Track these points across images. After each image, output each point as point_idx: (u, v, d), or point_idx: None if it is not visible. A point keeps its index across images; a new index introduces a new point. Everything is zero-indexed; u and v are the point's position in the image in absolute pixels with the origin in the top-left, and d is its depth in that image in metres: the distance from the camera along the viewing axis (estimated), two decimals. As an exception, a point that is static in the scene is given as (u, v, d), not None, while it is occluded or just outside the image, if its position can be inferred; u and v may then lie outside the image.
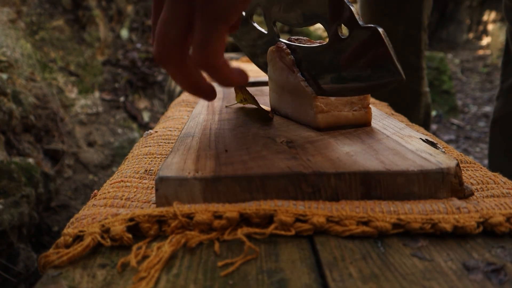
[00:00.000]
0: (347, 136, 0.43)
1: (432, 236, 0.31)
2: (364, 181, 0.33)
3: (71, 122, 2.10)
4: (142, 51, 2.73)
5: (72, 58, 2.36)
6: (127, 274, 0.27)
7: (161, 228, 0.32)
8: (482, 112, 3.39)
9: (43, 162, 1.71)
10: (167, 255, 0.28)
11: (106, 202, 0.36)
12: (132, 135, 2.30)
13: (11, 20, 2.07)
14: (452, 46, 5.89)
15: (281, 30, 3.23)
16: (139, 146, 0.53)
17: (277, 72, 0.51)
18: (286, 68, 0.48)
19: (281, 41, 0.50)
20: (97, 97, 2.37)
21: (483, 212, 0.31)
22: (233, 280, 0.26)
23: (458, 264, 0.27)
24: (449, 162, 0.35)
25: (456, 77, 4.54)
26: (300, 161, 0.35)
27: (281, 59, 0.49)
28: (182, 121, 0.64)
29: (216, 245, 0.30)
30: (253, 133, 0.45)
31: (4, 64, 1.79)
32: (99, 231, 0.30)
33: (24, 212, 1.29)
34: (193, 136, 0.45)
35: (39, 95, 1.88)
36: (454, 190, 0.34)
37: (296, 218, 0.31)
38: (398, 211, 0.31)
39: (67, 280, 0.27)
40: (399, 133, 0.44)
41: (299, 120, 0.49)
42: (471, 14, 6.09)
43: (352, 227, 0.30)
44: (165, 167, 0.35)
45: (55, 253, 0.29)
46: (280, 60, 0.49)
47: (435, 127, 3.06)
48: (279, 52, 0.49)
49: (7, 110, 1.54)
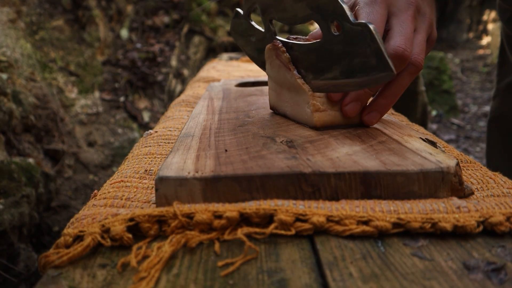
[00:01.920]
0: (347, 136, 0.43)
1: (432, 235, 0.31)
2: (364, 180, 0.33)
3: (71, 122, 2.10)
4: (142, 51, 2.73)
5: (72, 58, 2.36)
6: (127, 274, 0.27)
7: (161, 228, 0.32)
8: (482, 111, 3.39)
9: (43, 162, 1.71)
10: (167, 255, 0.28)
11: (106, 202, 0.36)
12: (132, 135, 2.30)
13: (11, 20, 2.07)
14: (452, 46, 5.88)
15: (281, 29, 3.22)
16: (139, 146, 0.53)
17: (275, 70, 0.51)
18: (283, 66, 0.48)
19: (278, 39, 0.50)
20: (97, 97, 2.37)
21: (483, 211, 0.31)
22: (233, 280, 0.26)
23: (458, 263, 0.27)
24: (449, 161, 0.35)
25: (456, 77, 4.54)
26: (300, 160, 0.35)
27: (277, 57, 0.49)
28: (182, 121, 0.64)
29: (216, 245, 0.30)
30: (253, 133, 0.45)
31: (4, 64, 1.79)
32: (99, 231, 0.30)
33: (24, 212, 1.29)
34: (193, 136, 0.45)
35: (39, 95, 1.88)
36: (454, 189, 0.34)
37: (296, 217, 0.31)
38: (398, 210, 0.31)
39: (67, 280, 0.27)
40: (399, 133, 0.44)
41: (297, 119, 0.49)
42: (471, 13, 6.09)
43: (352, 227, 0.30)
44: (165, 167, 0.35)
45: (55, 253, 0.29)
46: (277, 58, 0.49)
47: (435, 126, 3.06)
48: (276, 50, 0.49)
49: (7, 110, 1.54)
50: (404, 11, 0.45)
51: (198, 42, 3.04)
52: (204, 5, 3.12)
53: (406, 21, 0.45)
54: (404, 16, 0.45)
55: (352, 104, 0.45)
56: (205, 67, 1.43)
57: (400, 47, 0.42)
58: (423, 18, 0.47)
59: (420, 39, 0.46)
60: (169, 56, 2.82)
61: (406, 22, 0.45)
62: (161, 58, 2.75)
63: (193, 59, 2.98)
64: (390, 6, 0.46)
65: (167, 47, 2.88)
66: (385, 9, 0.45)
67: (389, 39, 0.44)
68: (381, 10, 0.45)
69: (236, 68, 1.32)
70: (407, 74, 0.45)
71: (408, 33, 0.44)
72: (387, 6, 0.46)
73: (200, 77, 1.11)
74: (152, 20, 3.00)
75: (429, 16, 0.48)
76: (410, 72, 0.44)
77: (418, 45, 0.45)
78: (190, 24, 3.05)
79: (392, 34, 0.44)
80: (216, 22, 3.16)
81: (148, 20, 3.00)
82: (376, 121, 0.46)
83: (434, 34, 0.50)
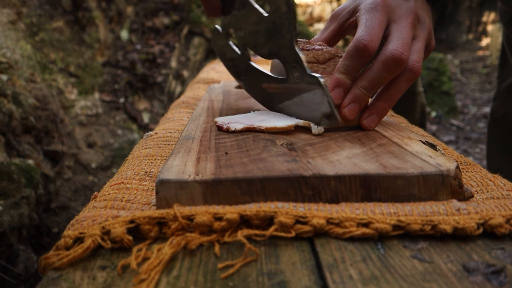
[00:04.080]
0: (347, 139, 0.43)
1: (432, 237, 0.31)
2: (364, 183, 0.34)
3: (71, 123, 2.10)
4: (142, 52, 2.74)
5: (72, 59, 2.36)
6: (127, 276, 0.27)
7: (162, 230, 0.32)
8: (482, 113, 3.39)
9: (43, 164, 1.71)
10: (167, 257, 0.28)
11: (106, 204, 0.36)
12: (132, 136, 2.30)
13: (11, 21, 2.07)
14: (451, 47, 5.89)
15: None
16: (139, 147, 0.53)
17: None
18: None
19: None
20: (97, 98, 2.37)
21: (483, 213, 0.31)
22: (233, 282, 0.26)
23: (458, 265, 0.27)
24: (449, 164, 0.35)
25: (456, 78, 4.54)
26: (300, 163, 0.35)
27: None
28: (182, 123, 0.64)
29: (216, 247, 0.30)
30: (253, 135, 0.45)
31: (4, 65, 1.79)
32: (100, 233, 0.31)
33: (24, 213, 1.29)
34: (193, 138, 0.45)
35: (39, 96, 1.88)
36: (454, 192, 0.34)
37: (296, 220, 0.31)
38: (398, 212, 0.31)
39: (67, 282, 0.27)
40: (399, 135, 0.44)
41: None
42: (471, 15, 6.10)
43: (352, 229, 0.30)
44: (165, 169, 0.35)
45: (56, 255, 0.29)
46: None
47: (434, 128, 3.06)
48: None
49: (7, 111, 1.54)
50: (404, 18, 0.47)
51: (198, 44, 3.04)
52: (204, 6, 3.12)
53: (405, 28, 0.46)
54: (403, 22, 0.46)
55: (350, 106, 0.45)
56: (205, 69, 1.43)
57: (397, 51, 0.43)
58: (423, 27, 0.48)
59: (419, 47, 0.47)
60: (169, 58, 2.82)
61: (405, 29, 0.46)
62: (161, 60, 2.75)
63: (193, 60, 2.98)
64: (390, 13, 0.47)
65: (167, 49, 2.88)
66: (385, 16, 0.46)
67: (387, 44, 0.45)
68: (381, 17, 0.46)
69: (236, 69, 1.31)
70: (405, 79, 0.46)
71: (406, 38, 0.45)
72: (387, 13, 0.47)
73: (200, 79, 1.11)
74: (152, 22, 3.00)
75: (428, 26, 0.49)
76: (408, 78, 0.46)
77: (417, 53, 0.46)
78: (190, 26, 3.05)
79: (390, 39, 0.45)
80: (216, 23, 3.17)
81: (148, 21, 3.00)
82: (375, 125, 0.47)
83: (432, 43, 0.51)
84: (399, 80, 0.46)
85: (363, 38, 0.44)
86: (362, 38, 0.44)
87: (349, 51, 0.45)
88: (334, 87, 0.45)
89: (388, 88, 0.46)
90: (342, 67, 0.45)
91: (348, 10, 0.52)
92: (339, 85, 0.45)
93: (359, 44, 0.44)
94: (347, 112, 0.45)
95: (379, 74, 0.44)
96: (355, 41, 0.44)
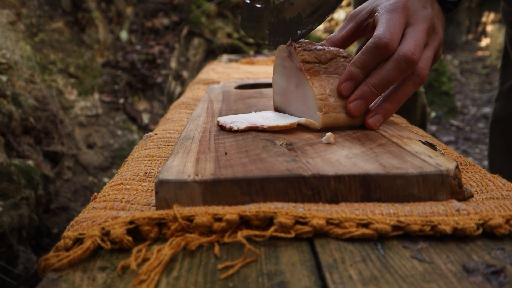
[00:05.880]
0: (346, 139, 0.43)
1: (431, 238, 0.31)
2: (363, 183, 0.34)
3: (71, 124, 2.10)
4: (142, 53, 2.74)
5: (71, 60, 2.36)
6: (127, 277, 0.27)
7: (161, 230, 0.32)
8: (482, 113, 3.39)
9: (42, 164, 1.70)
10: (167, 258, 0.28)
11: (106, 204, 0.36)
12: (131, 137, 2.30)
13: (11, 22, 2.07)
14: (451, 47, 5.89)
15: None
16: (139, 148, 0.53)
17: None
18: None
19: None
20: (97, 99, 2.37)
21: (483, 214, 0.31)
22: (233, 282, 0.26)
23: (457, 266, 0.27)
24: (449, 164, 0.35)
25: (456, 78, 4.55)
26: (300, 163, 0.35)
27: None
28: (181, 124, 0.64)
29: (216, 247, 0.30)
30: (253, 136, 0.45)
31: (4, 66, 1.79)
32: (99, 234, 0.30)
33: (23, 214, 1.29)
34: (192, 138, 0.45)
35: (38, 97, 1.88)
36: (454, 192, 0.34)
37: (296, 220, 0.31)
38: (398, 213, 0.31)
39: (67, 283, 0.27)
40: (398, 135, 0.44)
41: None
42: (470, 15, 6.10)
43: (352, 229, 0.30)
44: (165, 170, 0.35)
45: (55, 256, 0.29)
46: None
47: (434, 128, 3.06)
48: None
49: (7, 112, 1.54)
50: (421, 23, 0.48)
51: (197, 44, 3.04)
52: (203, 7, 3.12)
53: (420, 32, 0.47)
54: (419, 27, 0.47)
55: (357, 102, 0.46)
56: (205, 69, 1.43)
57: (409, 51, 0.44)
58: (436, 37, 0.50)
59: (428, 55, 0.48)
60: (169, 58, 2.82)
61: (420, 33, 0.47)
62: (160, 60, 2.75)
63: (193, 61, 2.98)
64: (409, 17, 0.48)
65: (167, 49, 2.88)
66: (404, 18, 0.48)
67: (401, 44, 0.46)
68: (400, 19, 0.47)
69: (235, 70, 1.32)
70: (412, 83, 0.47)
71: (419, 41, 0.46)
72: (406, 16, 0.48)
73: (199, 79, 1.11)
74: (151, 22, 3.00)
75: (440, 36, 0.50)
76: (414, 82, 0.47)
77: (426, 60, 0.47)
78: (189, 26, 3.05)
79: (404, 40, 0.46)
80: (215, 24, 3.17)
81: (147, 22, 3.00)
82: (380, 125, 0.47)
83: (440, 53, 0.52)
84: (406, 83, 0.47)
85: (384, 36, 0.45)
86: (384, 36, 0.45)
87: (368, 47, 0.45)
88: (346, 79, 0.46)
89: (396, 91, 0.48)
90: (358, 61, 0.46)
91: (366, 11, 0.53)
92: (351, 78, 0.46)
93: (380, 42, 0.45)
94: (353, 108, 0.46)
95: (390, 72, 0.45)
96: (376, 37, 0.45)
